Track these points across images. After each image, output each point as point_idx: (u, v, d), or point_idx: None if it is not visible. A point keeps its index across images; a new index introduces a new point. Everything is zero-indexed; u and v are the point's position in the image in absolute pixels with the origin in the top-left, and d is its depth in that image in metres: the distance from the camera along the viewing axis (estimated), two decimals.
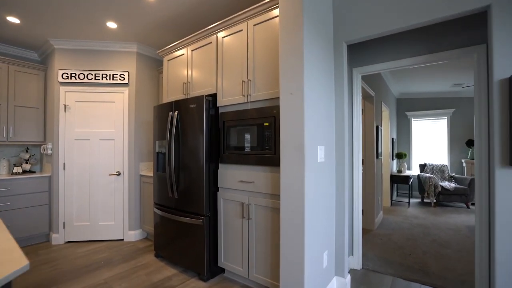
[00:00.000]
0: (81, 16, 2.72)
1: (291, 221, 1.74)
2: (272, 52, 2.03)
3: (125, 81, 3.35)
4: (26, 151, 3.51)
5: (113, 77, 3.32)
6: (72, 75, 3.25)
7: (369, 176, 3.83)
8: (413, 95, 6.38)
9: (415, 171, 6.50)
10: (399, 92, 6.23)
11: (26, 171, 3.41)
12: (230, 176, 2.28)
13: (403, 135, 6.64)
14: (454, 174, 5.87)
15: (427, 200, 5.84)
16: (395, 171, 6.14)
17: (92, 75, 3.29)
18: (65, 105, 3.25)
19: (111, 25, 2.88)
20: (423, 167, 6.02)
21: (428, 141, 6.45)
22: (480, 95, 1.91)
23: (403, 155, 5.87)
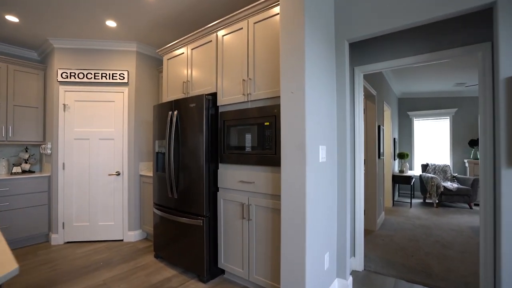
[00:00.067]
0: (80, 15, 2.70)
1: (292, 222, 1.71)
2: (272, 50, 2.00)
3: (125, 80, 3.33)
4: (25, 151, 3.49)
5: (112, 76, 3.30)
6: (72, 74, 3.23)
7: (370, 176, 3.80)
8: (415, 94, 6.33)
9: (417, 171, 6.45)
10: (400, 92, 6.19)
11: (25, 171, 3.39)
12: (230, 176, 2.26)
13: (405, 135, 6.60)
14: (456, 174, 5.82)
15: (429, 201, 5.80)
16: (397, 171, 6.09)
17: (91, 74, 3.27)
18: (64, 104, 3.23)
19: (111, 23, 2.86)
20: (425, 167, 5.97)
21: (430, 141, 6.40)
22: (485, 94, 1.88)
23: (405, 155, 5.83)
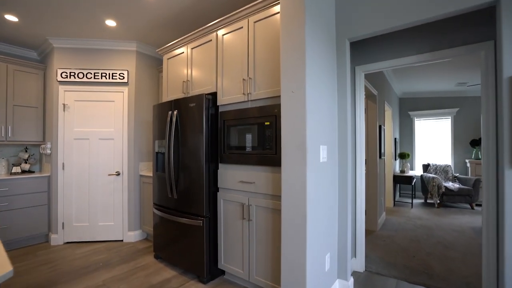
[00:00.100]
0: (80, 14, 2.68)
1: (292, 223, 1.69)
2: (273, 49, 1.98)
3: (125, 80, 3.32)
4: (25, 150, 3.48)
5: (112, 76, 3.29)
6: (71, 74, 3.21)
7: (371, 176, 3.78)
8: (416, 94, 6.31)
9: (418, 171, 6.43)
10: (402, 92, 6.16)
11: (25, 171, 3.38)
12: (230, 176, 2.24)
13: (406, 135, 6.57)
14: (458, 174, 5.80)
15: (430, 201, 5.78)
16: (398, 171, 6.07)
17: (91, 74, 3.25)
18: (64, 104, 3.22)
19: (110, 23, 2.85)
20: (426, 167, 5.95)
21: (432, 141, 6.38)
22: (488, 94, 1.86)
23: (406, 155, 5.80)
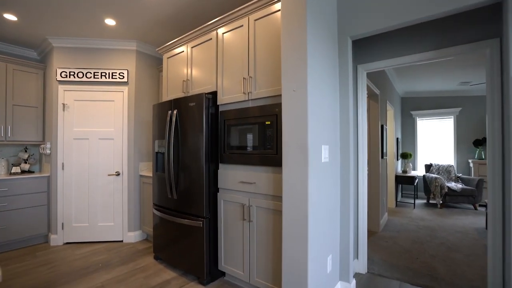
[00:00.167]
0: (79, 13, 2.66)
1: (293, 224, 1.66)
2: (273, 47, 1.95)
3: (125, 79, 3.29)
4: (25, 150, 3.47)
5: (112, 75, 3.26)
6: (71, 73, 3.19)
7: (374, 177, 3.74)
8: (418, 93, 6.25)
9: (420, 171, 6.37)
10: (403, 91, 6.11)
11: (24, 171, 3.37)
12: (231, 177, 2.21)
13: (408, 134, 6.52)
14: (460, 174, 5.74)
15: (433, 201, 5.72)
16: (400, 171, 6.02)
17: (91, 73, 3.23)
18: (63, 104, 3.20)
19: (110, 22, 2.83)
20: (428, 167, 5.90)
21: (434, 141, 6.32)
22: (493, 92, 1.82)
23: (408, 155, 5.75)
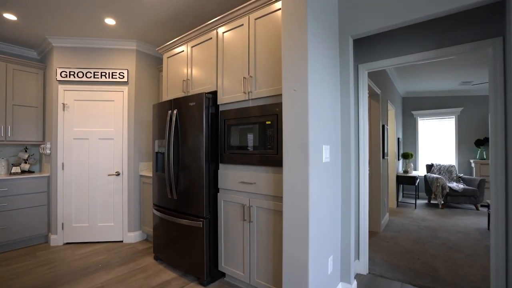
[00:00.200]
0: (79, 13, 2.65)
1: (294, 225, 1.65)
2: (274, 47, 1.93)
3: (125, 79, 3.28)
4: (25, 150, 3.46)
5: (112, 75, 3.25)
6: (71, 73, 3.19)
7: (375, 177, 3.72)
8: (419, 93, 6.23)
9: (421, 171, 6.35)
10: (405, 91, 6.09)
11: (25, 171, 3.36)
12: (231, 177, 2.20)
13: (409, 134, 6.50)
14: (462, 174, 5.72)
15: (434, 202, 5.70)
16: (401, 171, 6.00)
17: (91, 73, 3.22)
18: (63, 104, 3.19)
19: (110, 21, 2.82)
20: (430, 167, 5.87)
21: (435, 141, 6.30)
22: (496, 92, 1.80)
23: (409, 155, 5.73)
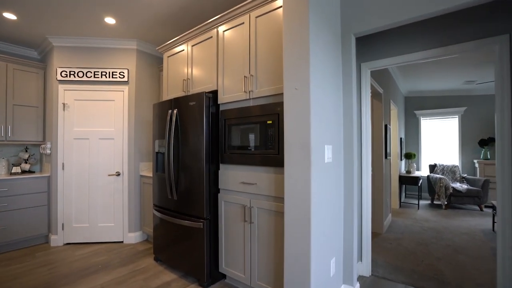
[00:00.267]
0: (79, 12, 2.63)
1: (296, 226, 1.61)
2: (275, 45, 1.90)
3: (125, 79, 3.26)
4: (25, 150, 3.45)
5: (112, 74, 3.23)
6: (71, 73, 3.17)
7: (377, 177, 3.68)
8: (422, 93, 6.17)
9: (424, 172, 6.29)
10: (407, 90, 6.03)
11: (25, 171, 3.35)
12: (232, 177, 2.17)
13: (412, 134, 6.44)
14: (466, 175, 5.65)
15: (437, 202, 5.64)
16: (403, 171, 5.94)
17: (91, 73, 3.21)
18: (64, 103, 3.18)
19: (110, 20, 2.80)
20: (433, 167, 5.81)
21: (438, 141, 6.23)
22: (503, 90, 1.75)
23: (412, 155, 5.68)
